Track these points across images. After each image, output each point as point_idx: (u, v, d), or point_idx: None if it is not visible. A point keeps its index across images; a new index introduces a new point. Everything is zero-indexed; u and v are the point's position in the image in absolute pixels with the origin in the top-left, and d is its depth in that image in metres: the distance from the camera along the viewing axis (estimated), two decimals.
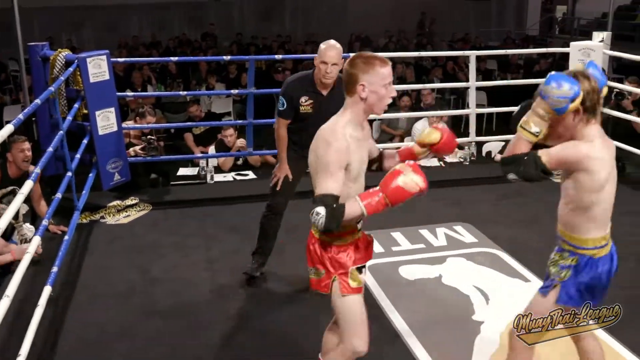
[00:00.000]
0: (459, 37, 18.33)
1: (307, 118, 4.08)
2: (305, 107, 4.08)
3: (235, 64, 11.45)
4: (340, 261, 2.72)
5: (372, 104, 2.61)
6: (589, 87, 2.53)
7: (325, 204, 2.48)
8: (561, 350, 3.29)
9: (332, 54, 3.90)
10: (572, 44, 6.91)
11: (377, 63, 2.58)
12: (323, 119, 3.86)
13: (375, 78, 2.57)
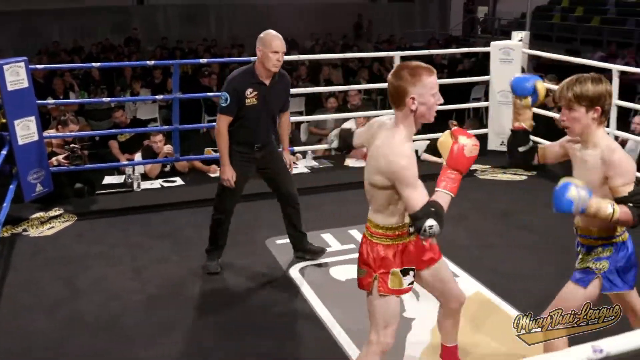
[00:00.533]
0: (384, 39, 18.58)
1: (252, 110, 4.21)
2: (250, 99, 4.20)
3: (161, 69, 11.29)
4: (383, 261, 2.76)
5: (422, 114, 2.62)
6: (609, 90, 2.74)
7: (428, 215, 2.51)
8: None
9: (280, 43, 4.14)
10: (493, 43, 7.09)
11: (424, 73, 2.58)
12: (267, 109, 4.23)
13: (423, 89, 2.57)
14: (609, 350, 1.21)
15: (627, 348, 1.23)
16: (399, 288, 2.78)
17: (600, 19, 20.61)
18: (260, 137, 4.37)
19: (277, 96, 4.36)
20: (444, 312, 3.18)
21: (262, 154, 4.43)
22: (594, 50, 16.69)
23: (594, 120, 2.75)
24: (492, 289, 4.31)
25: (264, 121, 4.36)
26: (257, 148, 4.38)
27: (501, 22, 23.21)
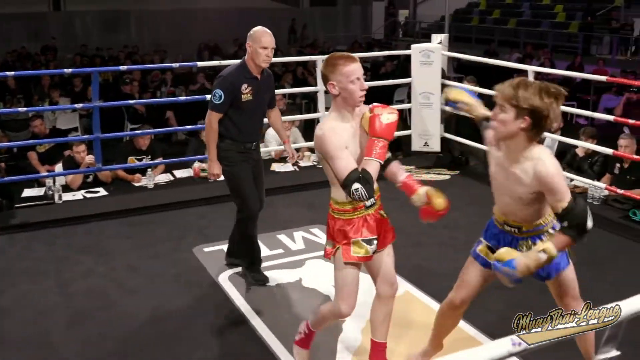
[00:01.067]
0: (308, 43, 18.67)
1: (248, 105, 4.21)
2: (246, 95, 4.20)
3: (80, 77, 11.03)
4: (345, 233, 3.02)
5: (345, 98, 2.91)
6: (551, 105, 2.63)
7: (354, 180, 2.81)
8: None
9: (270, 39, 4.21)
10: (413, 46, 7.22)
11: (340, 62, 2.89)
12: (260, 105, 4.28)
13: (341, 77, 2.87)
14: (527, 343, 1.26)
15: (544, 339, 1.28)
16: (363, 255, 3.03)
17: (516, 21, 21.29)
18: (255, 135, 4.39)
19: (266, 92, 4.39)
20: (377, 300, 3.31)
21: (257, 155, 4.44)
22: (511, 52, 17.23)
23: (523, 130, 2.66)
24: (420, 288, 4.39)
25: (258, 118, 4.38)
26: (254, 147, 4.37)
27: (422, 25, 23.69)
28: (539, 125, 2.66)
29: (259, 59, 4.17)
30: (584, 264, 3.94)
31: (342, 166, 2.84)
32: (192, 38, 18.87)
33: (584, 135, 6.53)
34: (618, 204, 5.80)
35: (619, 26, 18.74)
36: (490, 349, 1.25)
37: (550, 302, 3.67)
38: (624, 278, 4.49)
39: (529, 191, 2.75)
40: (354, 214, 3.02)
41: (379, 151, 2.86)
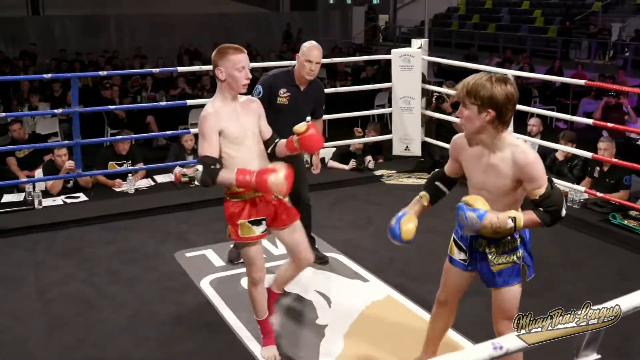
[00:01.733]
0: (289, 48, 18.67)
1: (281, 109, 4.35)
2: (282, 99, 4.40)
3: (60, 82, 10.95)
4: (233, 215, 3.34)
5: (230, 83, 3.24)
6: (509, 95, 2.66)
7: (203, 163, 3.16)
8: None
9: (316, 54, 4.33)
10: (393, 50, 7.25)
11: (230, 52, 3.23)
12: (296, 112, 4.34)
13: (228, 64, 3.21)
14: (508, 347, 1.27)
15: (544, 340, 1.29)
16: (250, 235, 3.34)
17: (496, 25, 21.45)
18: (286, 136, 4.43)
19: (309, 102, 4.51)
20: (290, 266, 3.67)
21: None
22: (490, 56, 17.35)
23: (489, 123, 2.70)
24: (402, 293, 4.40)
25: (291, 125, 4.35)
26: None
27: (402, 30, 23.79)
28: (503, 115, 2.68)
29: (303, 70, 4.35)
30: (563, 266, 3.99)
31: (204, 148, 3.19)
32: (172, 43, 18.81)
33: (563, 139, 6.59)
34: (597, 207, 5.85)
35: (597, 31, 18.93)
36: (470, 353, 1.25)
37: (533, 306, 3.70)
38: (602, 281, 4.53)
39: (509, 180, 2.75)
40: (243, 197, 3.32)
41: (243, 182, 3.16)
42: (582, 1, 20.60)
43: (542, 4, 21.69)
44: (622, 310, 1.60)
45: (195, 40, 18.97)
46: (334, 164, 7.05)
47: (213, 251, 5.04)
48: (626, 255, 5.03)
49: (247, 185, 3.15)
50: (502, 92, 2.64)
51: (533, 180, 2.69)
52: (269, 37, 21.36)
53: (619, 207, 5.67)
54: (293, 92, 4.42)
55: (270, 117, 4.15)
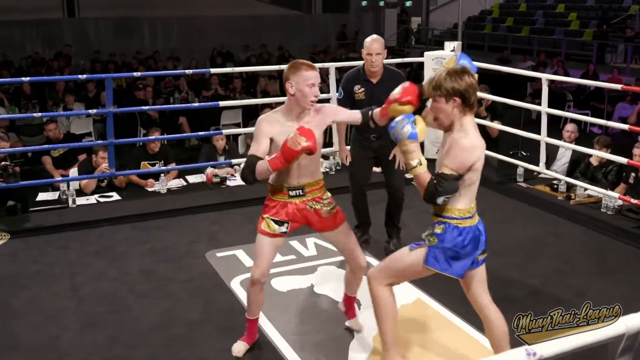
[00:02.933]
0: (320, 50, 18.70)
1: (361, 105, 4.33)
2: (359, 95, 4.77)
3: (94, 83, 11.09)
4: (265, 209, 3.53)
5: (298, 99, 3.30)
6: (468, 83, 2.93)
7: (246, 161, 3.30)
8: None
9: (375, 46, 4.65)
10: (426, 53, 7.22)
11: (304, 68, 3.30)
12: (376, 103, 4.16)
13: (299, 79, 3.27)
14: (542, 354, 1.25)
15: (559, 350, 1.27)
16: (269, 231, 3.48)
17: (530, 29, 21.23)
18: (373, 130, 4.38)
19: (385, 92, 4.37)
20: (348, 268, 3.81)
21: (379, 144, 4.84)
22: (524, 59, 17.18)
23: (456, 109, 2.95)
24: (431, 295, 4.37)
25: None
26: (374, 137, 4.82)
27: (434, 33, 23.67)
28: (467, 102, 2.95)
29: (367, 64, 4.71)
30: (596, 274, 3.93)
31: (253, 148, 3.33)
32: (205, 44, 18.93)
33: (598, 144, 6.49)
34: (632, 213, 5.76)
35: (634, 34, 18.63)
36: (505, 357, 1.24)
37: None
38: (636, 290, 4.44)
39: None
40: (277, 197, 3.50)
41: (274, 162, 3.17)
42: (619, 4, 20.27)
43: (578, 7, 21.38)
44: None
45: (227, 42, 19.08)
46: None
47: (244, 251, 5.06)
48: None
49: (279, 163, 3.15)
50: (460, 83, 2.92)
51: (448, 157, 2.92)
52: (301, 39, 21.39)
53: None
54: (367, 86, 4.75)
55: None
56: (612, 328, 1.38)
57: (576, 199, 6.18)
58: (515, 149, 9.22)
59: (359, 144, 4.95)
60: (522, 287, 4.17)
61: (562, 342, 1.30)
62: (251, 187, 6.34)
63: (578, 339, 1.32)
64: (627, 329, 1.41)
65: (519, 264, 4.76)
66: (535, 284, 3.93)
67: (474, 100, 2.99)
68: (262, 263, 3.51)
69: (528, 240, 5.30)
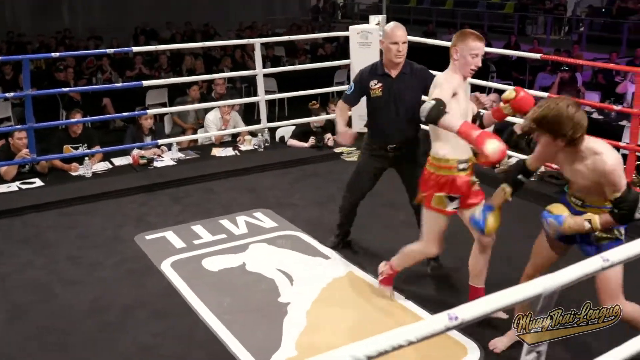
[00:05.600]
0: (247, 26, 18.49)
1: (378, 101, 4.22)
2: (375, 91, 4.22)
3: (11, 65, 10.68)
4: (432, 185, 3.50)
5: (460, 65, 3.43)
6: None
7: (436, 100, 3.26)
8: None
9: (401, 33, 4.15)
10: (351, 27, 7.23)
11: (472, 38, 3.41)
12: (395, 101, 4.21)
13: (465, 47, 3.39)
14: (463, 317, 1.29)
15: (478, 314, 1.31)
16: (442, 208, 3.49)
17: (453, 2, 21.54)
18: (394, 137, 4.25)
19: (406, 87, 4.22)
20: (476, 249, 3.73)
21: (396, 154, 4.32)
22: (448, 32, 17.43)
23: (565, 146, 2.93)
24: (363, 269, 4.43)
25: (395, 117, 4.22)
26: (391, 149, 4.30)
27: (360, 7, 23.74)
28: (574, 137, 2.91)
29: (391, 54, 4.14)
30: (520, 239, 4.05)
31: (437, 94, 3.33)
32: (127, 23, 18.44)
33: None
34: (554, 179, 5.95)
35: (553, 6, 19.15)
36: (427, 324, 1.27)
37: (496, 278, 3.75)
38: None
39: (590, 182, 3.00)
40: (447, 171, 3.46)
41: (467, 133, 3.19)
42: None
43: None
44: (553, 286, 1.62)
45: (150, 20, 18.64)
46: (294, 142, 7.03)
47: (173, 233, 5.01)
48: None
49: (468, 136, 3.17)
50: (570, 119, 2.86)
51: (611, 184, 2.90)
52: (227, 17, 21.07)
53: None
54: (385, 82, 4.21)
55: (370, 111, 4.33)
56: (529, 289, 1.43)
57: (501, 167, 6.32)
58: None
59: (373, 154, 4.39)
60: (449, 254, 4.26)
61: (481, 304, 1.34)
62: (179, 168, 6.34)
63: (497, 301, 1.36)
64: (544, 289, 1.47)
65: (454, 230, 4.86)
66: (460, 252, 4.02)
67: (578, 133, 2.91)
68: (437, 238, 3.61)
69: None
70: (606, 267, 1.57)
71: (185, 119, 8.29)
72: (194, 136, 7.50)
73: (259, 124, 7.08)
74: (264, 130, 7.01)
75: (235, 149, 6.88)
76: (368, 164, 4.42)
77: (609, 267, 1.58)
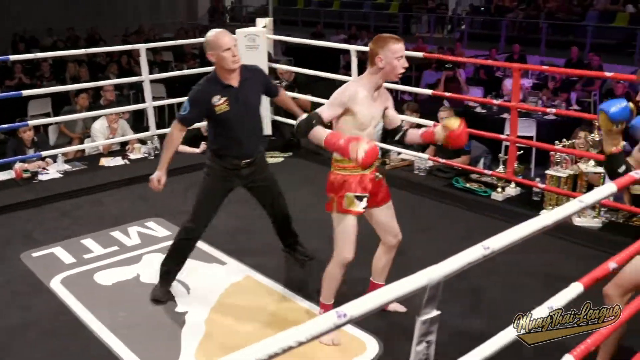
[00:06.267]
0: (133, 31, 18.08)
1: (228, 117, 3.84)
2: (221, 107, 3.81)
3: None
4: (338, 187, 3.42)
5: (387, 72, 3.32)
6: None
7: (309, 115, 3.30)
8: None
9: (229, 38, 3.78)
10: (238, 30, 7.19)
11: (391, 41, 3.32)
12: (247, 111, 3.90)
13: (388, 52, 3.28)
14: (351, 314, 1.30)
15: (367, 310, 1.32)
16: (353, 209, 3.41)
17: (340, 3, 21.87)
18: (248, 149, 3.97)
19: (252, 93, 3.97)
20: (382, 250, 3.75)
21: (250, 170, 4.04)
22: (336, 33, 17.68)
23: None
24: (261, 272, 4.41)
25: (247, 127, 3.94)
26: (245, 164, 3.99)
27: (248, 10, 23.70)
28: None
29: (226, 62, 3.74)
30: (413, 232, 4.17)
31: (322, 109, 3.32)
32: (5, 30, 17.63)
33: (408, 109, 6.86)
34: (442, 173, 6.14)
35: (435, 6, 19.78)
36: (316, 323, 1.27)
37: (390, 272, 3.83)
38: (450, 242, 4.76)
39: None
40: (351, 171, 3.40)
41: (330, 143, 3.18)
42: None
43: None
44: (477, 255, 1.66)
45: (31, 27, 17.90)
46: (184, 148, 6.91)
47: (62, 248, 4.81)
48: (469, 215, 5.33)
49: (332, 146, 3.18)
50: None
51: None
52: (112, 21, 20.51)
53: (461, 172, 5.99)
54: (230, 93, 3.83)
55: (218, 129, 3.93)
56: (415, 281, 1.46)
57: (391, 163, 6.47)
58: None
59: (222, 175, 4.01)
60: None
61: (369, 300, 1.36)
62: (66, 181, 6.10)
63: (384, 295, 1.38)
64: (429, 280, 1.50)
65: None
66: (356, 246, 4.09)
67: None
68: (350, 242, 3.47)
69: None
70: (487, 254, 1.63)
71: (72, 128, 8.00)
72: (80, 146, 7.25)
73: (148, 131, 6.92)
74: (154, 138, 6.87)
75: (124, 158, 6.70)
76: (216, 188, 4.04)
77: (489, 255, 1.63)
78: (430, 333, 1.70)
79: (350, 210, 3.42)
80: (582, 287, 2.07)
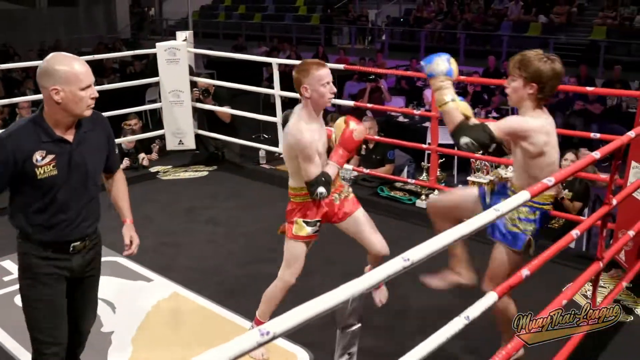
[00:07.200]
0: (50, 45, 17.61)
1: (54, 182, 2.63)
2: (44, 169, 2.59)
3: None
4: (291, 213, 3.42)
5: (316, 100, 3.19)
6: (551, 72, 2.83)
7: (320, 184, 3.19)
8: None
9: (88, 70, 2.61)
10: (158, 44, 7.11)
11: (314, 67, 3.19)
12: (80, 177, 2.71)
13: (312, 80, 3.15)
14: (274, 331, 1.31)
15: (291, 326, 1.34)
16: (302, 235, 3.38)
17: (262, 15, 21.92)
18: (83, 227, 2.81)
19: (93, 153, 2.78)
20: (368, 257, 3.68)
21: (85, 259, 2.88)
22: (258, 45, 17.69)
23: (530, 95, 2.87)
24: (188, 288, 4.36)
25: (80, 200, 2.76)
26: (73, 249, 2.79)
27: (169, 23, 23.46)
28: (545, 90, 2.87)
29: (81, 106, 2.59)
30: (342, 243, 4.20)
31: (312, 170, 3.18)
32: None
33: (331, 121, 6.91)
34: (367, 182, 6.23)
35: (356, 17, 20.06)
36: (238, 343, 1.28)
37: (315, 282, 3.84)
38: None
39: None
40: (304, 198, 3.35)
41: (341, 160, 3.30)
42: None
43: None
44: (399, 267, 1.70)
45: None
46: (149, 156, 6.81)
47: (11, 261, 4.64)
48: (394, 223, 5.41)
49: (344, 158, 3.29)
50: (546, 67, 2.83)
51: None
52: (26, 36, 19.93)
53: (386, 181, 6.09)
54: (61, 150, 2.62)
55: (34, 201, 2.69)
56: (337, 295, 1.48)
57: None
58: (257, 133, 9.51)
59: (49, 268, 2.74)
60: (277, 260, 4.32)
61: (292, 315, 1.37)
62: None
63: (308, 310, 1.40)
64: (353, 293, 1.53)
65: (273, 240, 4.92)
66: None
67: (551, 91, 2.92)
68: (297, 266, 3.44)
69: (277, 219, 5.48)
70: (407, 266, 1.66)
71: None
72: None
73: None
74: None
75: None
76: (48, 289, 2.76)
77: (409, 266, 1.67)
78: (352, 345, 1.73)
79: (298, 236, 3.40)
80: (497, 296, 2.14)
